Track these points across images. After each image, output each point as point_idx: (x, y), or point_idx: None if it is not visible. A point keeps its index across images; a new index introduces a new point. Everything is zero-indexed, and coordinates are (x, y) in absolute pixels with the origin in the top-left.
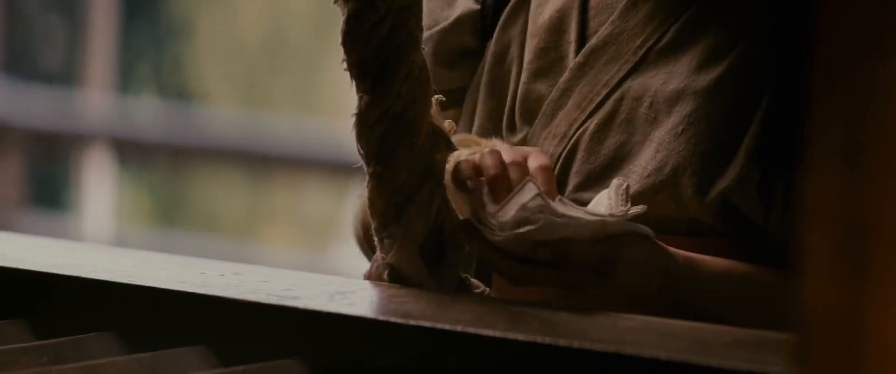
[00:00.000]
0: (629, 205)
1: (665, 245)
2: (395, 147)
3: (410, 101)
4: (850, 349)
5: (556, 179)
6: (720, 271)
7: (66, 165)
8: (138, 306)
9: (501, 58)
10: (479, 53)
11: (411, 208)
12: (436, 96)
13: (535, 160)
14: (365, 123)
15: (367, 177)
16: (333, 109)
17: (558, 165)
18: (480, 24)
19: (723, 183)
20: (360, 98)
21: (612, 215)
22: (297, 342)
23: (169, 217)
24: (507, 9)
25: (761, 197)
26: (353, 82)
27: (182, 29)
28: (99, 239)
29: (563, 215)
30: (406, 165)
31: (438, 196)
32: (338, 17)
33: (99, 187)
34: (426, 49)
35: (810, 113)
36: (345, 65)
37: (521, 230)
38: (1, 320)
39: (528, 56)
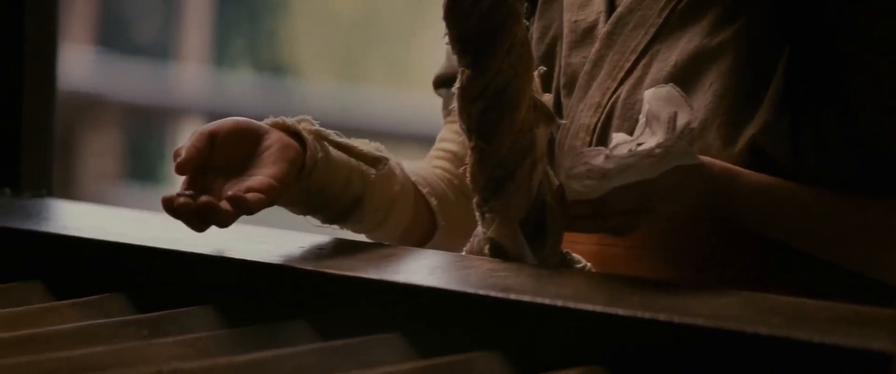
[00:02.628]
0: (677, 134)
1: (701, 159)
2: (496, 122)
3: (512, 76)
4: None
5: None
6: (760, 182)
7: (162, 139)
8: (238, 281)
9: (544, 33)
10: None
11: (512, 182)
12: (538, 69)
13: None
14: (466, 98)
15: (468, 151)
16: (429, 83)
17: (595, 134)
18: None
19: (750, 131)
20: (462, 73)
21: (660, 146)
22: (396, 316)
23: None
24: None
25: (792, 142)
26: (455, 57)
27: (277, 2)
28: None
29: (611, 165)
30: (507, 140)
31: (539, 171)
32: None
33: None
34: None
35: None
36: (447, 39)
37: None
38: (102, 293)
39: (565, 30)
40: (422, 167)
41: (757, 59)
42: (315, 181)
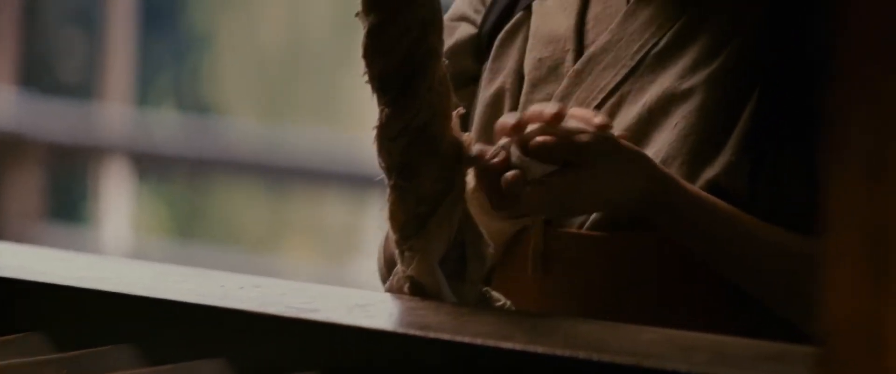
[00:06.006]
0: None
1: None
2: (418, 160)
3: (432, 114)
4: (874, 357)
5: None
6: (701, 195)
7: (85, 178)
8: (158, 319)
9: (495, 75)
10: (479, 77)
11: (433, 220)
12: (457, 109)
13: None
14: (386, 136)
15: (387, 190)
16: (354, 121)
17: None
18: (479, 47)
19: (710, 172)
20: (382, 111)
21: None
22: (317, 354)
23: (188, 230)
24: (505, 29)
25: (750, 181)
26: (375, 95)
27: (201, 41)
28: (118, 252)
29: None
30: (428, 178)
31: (460, 209)
32: (358, 28)
33: (118, 199)
34: None
35: (832, 124)
36: (366, 78)
37: None
38: (21, 331)
39: (527, 68)
40: None
41: (726, 102)
42: None
